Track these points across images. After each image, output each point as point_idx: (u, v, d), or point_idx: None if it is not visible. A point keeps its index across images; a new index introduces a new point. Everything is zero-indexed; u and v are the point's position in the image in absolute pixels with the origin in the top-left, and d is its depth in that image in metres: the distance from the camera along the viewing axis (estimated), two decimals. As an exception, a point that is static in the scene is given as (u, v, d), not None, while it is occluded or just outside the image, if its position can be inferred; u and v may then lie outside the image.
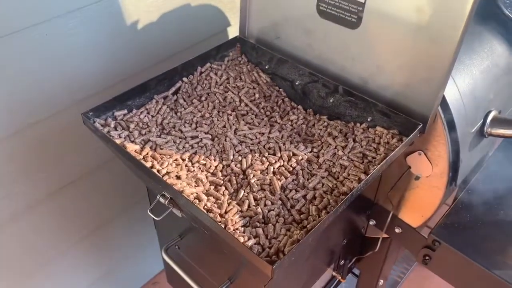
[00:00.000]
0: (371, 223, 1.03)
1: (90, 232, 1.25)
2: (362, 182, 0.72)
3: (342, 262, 1.05)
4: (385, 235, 1.02)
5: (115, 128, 0.82)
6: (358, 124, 0.86)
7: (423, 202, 0.92)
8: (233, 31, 1.32)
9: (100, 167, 1.17)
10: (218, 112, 0.90)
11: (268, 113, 0.92)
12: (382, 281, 1.21)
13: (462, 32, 0.70)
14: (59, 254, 1.20)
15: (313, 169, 0.79)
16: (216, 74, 0.97)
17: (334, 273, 1.08)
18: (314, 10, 0.87)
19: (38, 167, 1.04)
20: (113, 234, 1.33)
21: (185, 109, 0.90)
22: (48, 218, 1.12)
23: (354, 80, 0.88)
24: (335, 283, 1.17)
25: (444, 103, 0.80)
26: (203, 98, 0.93)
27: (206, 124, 0.87)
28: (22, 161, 1.00)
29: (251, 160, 0.80)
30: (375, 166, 0.76)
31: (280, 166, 0.79)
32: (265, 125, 0.88)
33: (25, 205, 1.05)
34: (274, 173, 0.78)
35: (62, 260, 1.22)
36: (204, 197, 0.73)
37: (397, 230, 0.99)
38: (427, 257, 0.94)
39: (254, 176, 0.77)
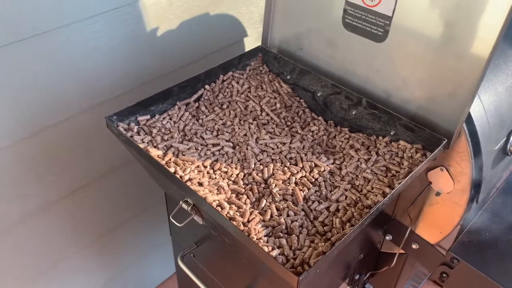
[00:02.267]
0: (387, 238, 1.02)
1: (97, 237, 1.24)
2: (387, 196, 0.71)
3: (357, 277, 1.04)
4: (401, 251, 1.01)
5: (138, 133, 0.82)
6: (380, 138, 0.86)
7: (442, 219, 0.91)
8: (250, 41, 1.32)
9: (111, 172, 1.17)
10: (240, 120, 0.90)
11: (288, 123, 0.91)
12: (394, 297, 1.19)
13: (492, 49, 0.70)
14: (66, 258, 1.19)
15: (336, 181, 0.79)
16: (238, 82, 0.97)
17: (348, 288, 1.06)
18: (339, 23, 0.87)
19: (50, 170, 1.03)
20: (121, 240, 1.32)
21: (206, 116, 0.89)
22: (57, 222, 1.12)
23: (377, 92, 0.88)
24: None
25: (469, 119, 0.79)
26: (224, 106, 0.92)
27: (227, 132, 0.87)
28: (35, 163, 0.99)
29: (273, 169, 0.80)
30: (400, 180, 0.75)
31: (302, 176, 0.79)
32: (286, 135, 0.88)
33: (36, 208, 1.05)
34: (296, 183, 0.78)
35: (69, 265, 1.21)
36: (226, 205, 0.72)
37: (414, 246, 0.98)
38: (444, 275, 0.93)
39: (276, 185, 0.76)
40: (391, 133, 0.85)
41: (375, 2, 0.81)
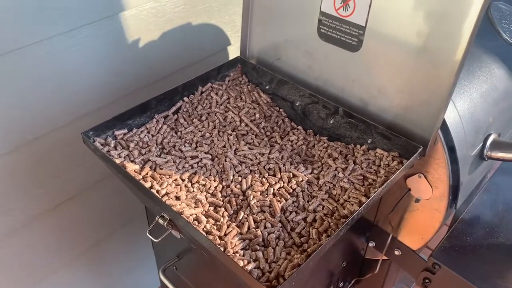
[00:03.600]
0: (370, 245, 1.02)
1: (86, 249, 1.24)
2: (363, 205, 0.72)
3: (341, 284, 1.04)
4: (385, 257, 1.01)
5: (115, 148, 0.82)
6: (358, 146, 0.86)
7: (423, 225, 0.92)
8: (233, 50, 1.33)
9: (97, 184, 1.16)
10: (219, 132, 0.90)
11: (268, 133, 0.92)
12: (380, 303, 1.20)
13: (463, 56, 0.71)
14: (54, 271, 1.19)
15: (313, 191, 0.79)
16: (217, 94, 0.97)
17: (332, 295, 1.06)
18: (315, 33, 0.88)
19: (36, 183, 1.03)
20: (109, 252, 1.32)
21: (185, 128, 0.90)
22: (44, 235, 1.11)
23: (355, 102, 0.88)
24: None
25: (444, 126, 0.80)
26: (203, 118, 0.93)
27: (206, 144, 0.87)
28: (20, 176, 0.99)
29: (251, 180, 0.80)
30: (376, 189, 0.75)
31: (280, 187, 0.79)
32: (265, 146, 0.88)
33: (22, 221, 1.04)
34: (274, 194, 0.78)
35: (58, 278, 1.21)
36: (203, 218, 0.72)
37: (396, 253, 0.98)
38: (427, 280, 0.93)
39: (254, 197, 0.77)
40: (368, 142, 0.85)
41: (349, 12, 0.81)
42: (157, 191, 0.75)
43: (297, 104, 0.94)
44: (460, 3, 0.68)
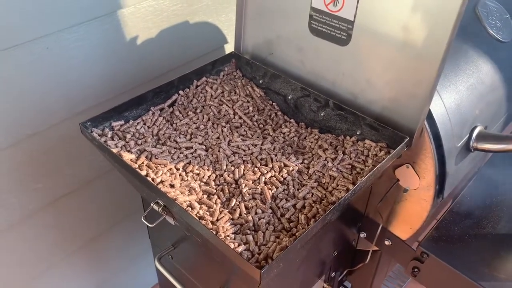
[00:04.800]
0: (362, 235, 1.05)
1: (84, 243, 1.26)
2: (349, 192, 0.74)
3: (333, 274, 1.07)
4: (376, 248, 1.04)
5: (112, 138, 0.85)
6: (348, 137, 0.89)
7: (411, 215, 0.94)
8: (230, 48, 1.35)
9: (96, 179, 1.19)
10: (213, 124, 0.93)
11: (261, 125, 0.95)
12: (373, 294, 1.22)
13: (445, 49, 0.73)
14: (53, 265, 1.21)
15: (303, 179, 0.82)
16: (211, 87, 1.00)
17: (325, 285, 1.09)
18: (306, 28, 0.91)
19: (35, 178, 1.05)
20: (107, 246, 1.33)
21: (180, 120, 0.92)
22: (42, 229, 1.13)
23: (344, 94, 0.91)
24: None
25: (430, 118, 0.83)
26: (198, 111, 0.95)
27: (200, 136, 0.90)
28: (19, 171, 1.01)
29: (244, 170, 0.83)
30: (363, 177, 0.78)
31: (271, 176, 0.82)
32: (258, 137, 0.91)
33: (21, 215, 1.06)
34: (265, 183, 0.81)
35: (57, 272, 1.23)
36: (196, 205, 0.75)
37: (386, 243, 1.01)
38: (416, 269, 0.96)
39: (246, 185, 0.79)
40: (357, 133, 0.88)
41: (338, 7, 0.84)
42: (152, 179, 0.78)
43: (289, 97, 0.97)
44: (442, -3, 0.71)
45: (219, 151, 0.86)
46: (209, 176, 0.82)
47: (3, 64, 0.88)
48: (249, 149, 0.88)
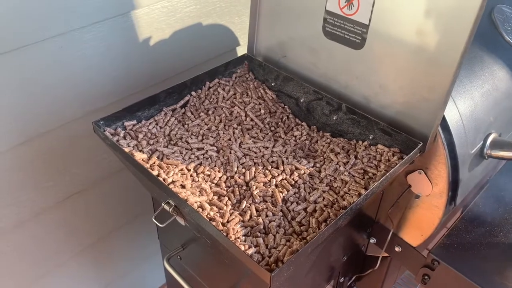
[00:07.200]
0: (371, 241, 1.04)
1: (92, 243, 1.26)
2: (362, 196, 0.74)
3: (342, 280, 1.06)
4: (385, 254, 1.03)
5: (124, 137, 0.85)
6: (360, 142, 0.88)
7: (422, 221, 0.93)
8: (242, 51, 1.36)
9: (106, 178, 1.19)
10: (224, 125, 0.93)
11: (272, 128, 0.94)
12: (382, 301, 1.21)
13: (461, 55, 0.73)
14: (61, 264, 1.21)
15: (315, 183, 0.81)
16: (223, 89, 1.00)
17: (333, 291, 1.08)
18: (319, 31, 0.91)
19: (46, 176, 1.06)
20: (115, 246, 1.34)
21: (192, 121, 0.92)
22: (52, 227, 1.14)
23: (357, 98, 0.90)
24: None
25: (444, 124, 0.82)
26: (210, 112, 0.95)
27: (212, 137, 0.90)
28: (30, 169, 1.02)
29: (255, 172, 0.82)
30: (375, 182, 0.77)
31: (282, 179, 0.81)
32: (269, 140, 0.91)
33: (31, 213, 1.07)
34: (276, 185, 0.80)
35: (64, 271, 1.23)
36: (207, 206, 0.75)
37: (397, 249, 1.00)
38: (426, 277, 0.95)
39: (256, 187, 0.79)
40: (370, 137, 0.87)
41: (353, 11, 0.84)
42: (164, 179, 0.78)
43: (301, 100, 0.97)
44: (459, 2, 0.70)
45: (230, 153, 0.86)
46: (220, 178, 0.82)
47: (17, 62, 0.89)
48: (260, 151, 0.87)
